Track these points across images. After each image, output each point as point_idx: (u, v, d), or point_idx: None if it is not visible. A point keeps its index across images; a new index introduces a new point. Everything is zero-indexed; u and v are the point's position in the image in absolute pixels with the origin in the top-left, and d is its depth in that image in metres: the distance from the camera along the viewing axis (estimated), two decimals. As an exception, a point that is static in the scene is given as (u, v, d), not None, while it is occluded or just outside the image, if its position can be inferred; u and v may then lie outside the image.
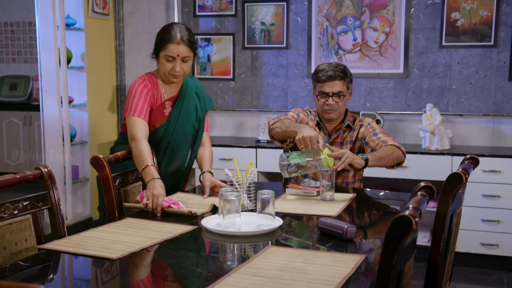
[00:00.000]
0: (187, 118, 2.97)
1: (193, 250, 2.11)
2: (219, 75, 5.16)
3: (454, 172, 2.10)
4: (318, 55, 4.90)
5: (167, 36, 2.77)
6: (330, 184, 2.72)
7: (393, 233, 1.46)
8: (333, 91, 3.04)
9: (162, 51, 2.78)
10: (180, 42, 2.77)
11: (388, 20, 4.74)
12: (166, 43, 2.77)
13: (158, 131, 2.93)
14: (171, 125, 2.94)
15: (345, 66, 3.12)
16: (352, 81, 3.16)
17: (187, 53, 2.79)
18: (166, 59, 2.78)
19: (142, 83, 2.85)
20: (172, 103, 2.94)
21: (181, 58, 2.78)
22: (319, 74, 3.06)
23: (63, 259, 2.01)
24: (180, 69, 2.79)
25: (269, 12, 4.98)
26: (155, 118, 2.90)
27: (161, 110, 2.91)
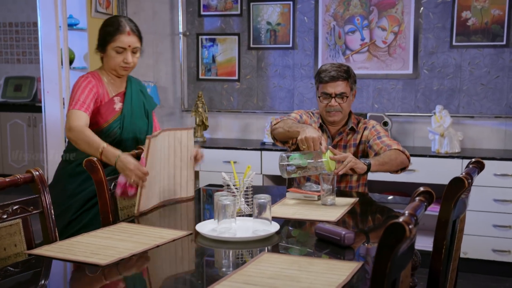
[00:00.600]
0: (139, 112, 2.89)
1: (184, 256, 2.03)
2: (224, 76, 5.08)
3: (456, 177, 2.00)
4: (325, 55, 4.80)
5: (116, 27, 2.72)
6: (331, 188, 2.62)
7: (386, 240, 1.39)
8: (336, 92, 2.95)
9: (112, 43, 2.72)
10: (130, 33, 2.74)
11: (397, 19, 4.63)
12: (115, 34, 2.71)
13: (113, 126, 2.80)
14: (127, 119, 2.83)
15: (349, 66, 3.03)
16: (356, 82, 3.06)
17: (137, 44, 2.77)
18: (116, 51, 2.73)
19: (86, 79, 2.75)
20: (121, 98, 2.85)
21: (131, 49, 2.75)
22: (321, 75, 2.97)
23: (52, 265, 1.93)
24: (131, 59, 2.75)
25: (275, 12, 4.89)
26: (106, 114, 2.78)
27: (110, 105, 2.80)
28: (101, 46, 2.77)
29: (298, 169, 2.66)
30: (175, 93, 5.22)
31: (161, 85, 5.22)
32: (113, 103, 2.81)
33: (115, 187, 2.64)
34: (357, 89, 4.71)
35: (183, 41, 5.11)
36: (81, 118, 2.64)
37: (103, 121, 2.77)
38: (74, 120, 2.62)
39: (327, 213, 2.49)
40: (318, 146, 2.65)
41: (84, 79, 2.75)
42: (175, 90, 5.22)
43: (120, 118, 2.82)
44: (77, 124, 2.61)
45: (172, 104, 5.25)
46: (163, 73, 5.24)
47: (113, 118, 2.79)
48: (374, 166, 2.72)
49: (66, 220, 2.73)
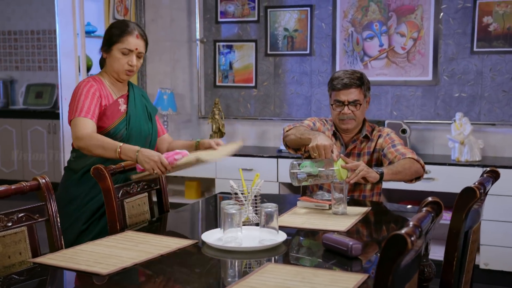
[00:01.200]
0: (143, 115, 2.84)
1: (188, 266, 1.99)
2: (241, 83, 5.05)
3: (468, 187, 1.94)
4: (343, 61, 4.74)
5: (124, 29, 2.67)
6: (343, 197, 2.56)
7: (388, 253, 1.35)
8: (349, 100, 2.89)
9: (118, 44, 2.66)
10: (138, 36, 2.70)
11: (416, 25, 4.56)
12: (123, 36, 2.66)
13: (119, 127, 2.72)
14: (132, 119, 2.77)
15: (362, 73, 2.97)
16: (370, 89, 3.00)
17: (143, 48, 2.73)
18: (122, 53, 2.67)
19: (87, 84, 2.67)
20: (125, 100, 2.79)
21: (137, 53, 2.71)
22: (334, 82, 2.92)
23: (54, 273, 1.91)
24: (136, 62, 2.71)
25: (292, 18, 4.85)
26: (112, 116, 2.71)
27: (116, 107, 2.73)
28: (106, 46, 2.71)
29: (309, 177, 2.60)
30: (192, 100, 5.21)
31: (178, 92, 5.21)
32: (118, 104, 2.75)
33: (123, 196, 2.61)
34: (375, 96, 4.65)
35: (200, 48, 5.10)
36: (88, 125, 2.57)
37: (110, 122, 2.71)
38: (81, 129, 2.56)
39: (337, 222, 2.43)
40: (330, 154, 2.59)
41: (85, 84, 2.67)
42: (192, 97, 5.20)
43: (126, 119, 2.76)
44: (86, 132, 2.55)
45: (189, 111, 5.23)
46: (180, 80, 5.23)
47: (119, 120, 2.73)
48: (387, 175, 2.66)
49: (76, 231, 2.67)
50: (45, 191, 2.26)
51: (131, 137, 2.74)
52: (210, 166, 4.62)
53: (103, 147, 2.51)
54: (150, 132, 2.85)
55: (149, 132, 2.84)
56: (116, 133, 2.70)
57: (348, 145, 3.00)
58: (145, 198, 2.78)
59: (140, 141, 2.78)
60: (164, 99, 4.90)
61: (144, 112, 2.84)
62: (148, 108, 2.88)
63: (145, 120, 2.83)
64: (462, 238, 2.00)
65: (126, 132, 2.73)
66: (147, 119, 2.85)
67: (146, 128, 2.82)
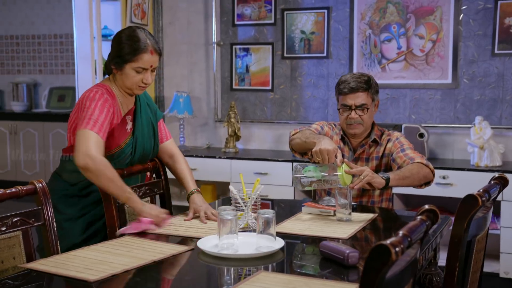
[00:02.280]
0: (148, 132, 2.63)
1: (181, 273, 1.95)
2: (257, 86, 5.00)
3: (469, 194, 1.86)
4: (360, 64, 4.66)
5: (139, 45, 2.39)
6: (347, 203, 2.49)
7: (371, 263, 1.30)
8: (356, 104, 2.82)
9: (132, 63, 2.40)
10: (153, 52, 2.43)
11: (435, 27, 4.46)
12: (138, 53, 2.39)
13: (125, 151, 2.54)
14: (139, 141, 2.57)
15: (370, 76, 2.90)
16: (378, 92, 2.92)
17: (157, 63, 2.49)
18: (136, 71, 2.42)
19: (102, 96, 2.41)
20: (131, 117, 2.57)
21: (151, 69, 2.47)
22: (341, 86, 2.86)
23: (43, 279, 1.88)
24: (151, 80, 2.48)
25: (309, 20, 4.79)
26: (119, 137, 2.50)
27: (123, 126, 2.52)
28: (117, 63, 2.43)
29: (312, 182, 2.54)
30: (209, 104, 5.18)
31: (195, 95, 5.19)
32: (125, 123, 2.54)
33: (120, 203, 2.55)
34: (393, 99, 4.56)
35: (217, 51, 5.07)
36: (100, 146, 2.34)
37: (116, 144, 2.50)
38: (94, 147, 2.30)
39: (339, 229, 2.37)
40: (333, 159, 2.53)
41: (99, 95, 2.41)
42: (209, 100, 5.17)
43: (132, 141, 2.57)
44: (100, 156, 2.31)
45: (206, 115, 5.20)
46: (197, 83, 5.20)
47: (125, 142, 2.54)
48: (394, 180, 2.58)
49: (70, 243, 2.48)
50: (41, 195, 2.23)
51: (134, 160, 2.61)
52: (225, 170, 4.59)
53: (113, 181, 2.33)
54: (152, 148, 2.67)
55: (151, 149, 2.66)
56: (120, 157, 2.54)
57: (356, 150, 2.93)
58: (148, 202, 2.74)
59: (143, 160, 2.66)
60: (180, 102, 4.88)
61: (148, 127, 2.64)
62: (152, 120, 2.66)
63: (148, 137, 2.64)
64: (464, 247, 1.92)
65: (131, 157, 2.58)
66: (151, 135, 2.65)
67: (149, 146, 2.64)
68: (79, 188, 2.51)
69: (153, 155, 2.71)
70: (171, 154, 2.72)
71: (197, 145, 5.22)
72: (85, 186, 2.50)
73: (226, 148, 4.85)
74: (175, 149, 2.75)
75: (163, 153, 2.74)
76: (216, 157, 4.68)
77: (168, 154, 2.73)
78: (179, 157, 2.73)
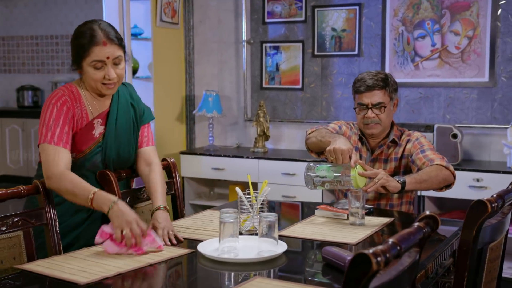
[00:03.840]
0: (125, 137, 2.41)
1: (176, 277, 1.89)
2: (287, 85, 4.90)
3: (478, 200, 1.74)
4: (393, 62, 4.52)
5: (89, 39, 2.20)
6: (360, 207, 2.39)
7: (351, 273, 1.24)
8: (373, 102, 2.71)
9: (87, 58, 2.20)
10: (106, 42, 2.20)
11: (471, 22, 4.28)
12: (89, 48, 2.19)
13: (88, 158, 2.34)
14: (109, 149, 2.37)
15: (387, 74, 2.78)
16: (397, 90, 2.81)
17: (117, 52, 2.23)
18: (94, 67, 2.21)
19: (59, 99, 2.24)
20: (103, 121, 2.36)
21: (112, 61, 2.23)
22: (357, 84, 2.76)
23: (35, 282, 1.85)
24: (115, 74, 2.24)
25: (340, 17, 4.67)
26: (81, 142, 2.31)
27: (88, 131, 2.32)
28: (75, 62, 2.26)
29: (325, 182, 2.45)
30: (239, 103, 5.11)
31: (225, 94, 5.13)
32: (92, 127, 2.33)
33: (132, 201, 2.52)
34: (427, 98, 4.40)
35: (247, 49, 5.00)
36: (61, 159, 2.18)
37: (77, 151, 2.31)
38: (52, 165, 2.17)
39: (350, 234, 2.26)
40: (347, 159, 2.43)
41: (57, 99, 2.25)
42: (239, 99, 5.11)
43: (101, 147, 2.37)
44: (57, 171, 2.16)
45: (235, 114, 5.14)
46: (227, 82, 5.15)
47: (91, 148, 2.34)
48: (410, 184, 2.45)
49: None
50: (44, 195, 2.22)
51: (108, 164, 2.41)
52: (253, 170, 4.52)
53: (73, 193, 2.14)
54: (130, 157, 2.47)
55: (130, 154, 2.46)
56: (85, 164, 2.35)
57: (374, 151, 2.82)
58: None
59: (122, 166, 2.47)
60: (209, 101, 4.83)
61: (128, 129, 2.43)
62: (135, 125, 2.45)
63: (127, 142, 2.43)
64: (474, 256, 1.80)
65: (102, 166, 2.39)
66: (131, 138, 2.44)
67: (127, 151, 2.44)
68: (53, 195, 2.28)
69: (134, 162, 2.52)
70: (149, 162, 2.47)
71: (227, 144, 5.16)
72: (57, 194, 2.28)
73: (255, 147, 4.78)
74: (155, 158, 2.49)
75: (141, 159, 2.48)
76: (244, 157, 4.61)
77: (146, 161, 2.47)
78: (156, 167, 2.45)
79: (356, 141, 2.84)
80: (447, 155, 4.04)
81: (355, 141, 2.84)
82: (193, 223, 2.47)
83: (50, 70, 7.47)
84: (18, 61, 7.62)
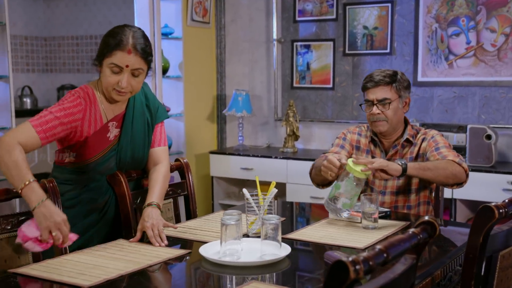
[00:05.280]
0: (141, 140, 2.39)
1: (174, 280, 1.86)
2: (318, 84, 4.82)
3: (485, 205, 1.64)
4: (426, 60, 4.38)
5: (116, 41, 2.18)
6: (374, 210, 2.30)
7: (330, 281, 1.19)
8: (377, 98, 2.65)
9: (108, 58, 2.18)
10: (131, 51, 2.16)
11: (508, 19, 4.11)
12: (113, 49, 2.17)
13: (101, 162, 2.32)
14: (124, 151, 2.35)
15: (397, 71, 2.71)
16: (409, 89, 2.73)
17: (138, 65, 2.18)
18: (111, 70, 2.18)
19: (74, 100, 2.22)
20: (118, 124, 2.33)
21: (131, 71, 2.18)
22: (364, 81, 2.71)
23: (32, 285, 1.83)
24: (128, 84, 2.19)
25: (372, 15, 4.56)
26: (94, 145, 2.28)
27: (103, 134, 2.29)
28: (98, 59, 2.24)
29: (341, 200, 2.35)
30: (269, 102, 5.05)
31: (256, 94, 5.08)
32: (107, 130, 2.31)
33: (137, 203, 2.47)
34: (461, 97, 4.26)
35: (278, 48, 4.93)
36: (24, 137, 2.08)
37: (91, 154, 2.29)
38: (10, 135, 2.07)
39: (361, 238, 2.19)
40: (336, 163, 2.36)
41: (72, 99, 2.22)
42: (269, 99, 5.05)
43: (116, 150, 2.34)
44: (10, 141, 2.05)
45: (266, 113, 5.08)
46: (258, 81, 5.10)
47: (105, 151, 2.32)
48: (413, 169, 2.39)
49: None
50: (51, 194, 2.21)
51: (122, 166, 2.40)
52: (281, 170, 4.46)
53: (10, 172, 2.02)
54: (146, 155, 2.45)
55: (143, 156, 2.44)
56: (98, 167, 2.34)
57: (388, 151, 2.73)
58: (170, 204, 2.67)
59: (132, 167, 2.45)
60: (239, 101, 4.80)
61: (144, 132, 2.40)
62: (149, 127, 2.42)
63: (142, 145, 2.41)
64: (482, 264, 1.70)
65: (116, 168, 2.38)
66: (146, 141, 2.42)
67: (142, 153, 2.42)
68: (66, 198, 2.32)
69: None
70: (157, 163, 2.43)
71: (257, 144, 5.11)
72: (72, 197, 2.34)
73: (285, 148, 4.71)
74: (163, 159, 2.45)
75: (150, 159, 2.45)
76: (273, 157, 4.56)
77: (154, 162, 2.44)
78: (160, 167, 2.42)
79: (367, 144, 2.77)
80: (480, 157, 3.89)
81: (365, 144, 2.77)
82: (202, 224, 2.44)
83: (89, 69, 7.56)
84: (59, 61, 7.74)
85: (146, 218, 2.21)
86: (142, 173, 2.49)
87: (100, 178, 2.37)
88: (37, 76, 7.37)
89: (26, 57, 7.43)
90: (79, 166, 2.32)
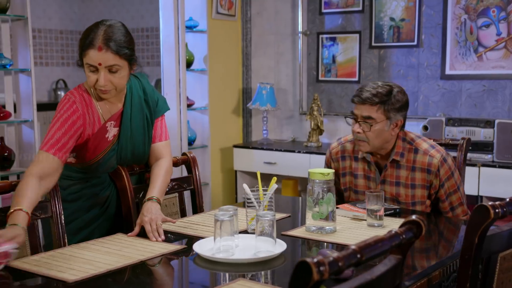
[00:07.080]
0: (143, 134, 2.36)
1: (164, 276, 1.83)
2: (344, 77, 4.72)
3: (481, 204, 1.56)
4: (454, 53, 4.24)
5: (89, 39, 2.12)
6: (379, 207, 2.23)
7: (294, 282, 1.16)
8: (362, 115, 2.44)
9: (84, 58, 2.14)
10: (102, 47, 2.10)
11: (541, 10, 3.94)
12: (86, 48, 2.12)
13: (102, 163, 2.31)
14: (124, 150, 2.33)
15: (394, 90, 2.45)
16: (402, 111, 2.48)
17: (113, 61, 2.12)
18: (89, 69, 2.14)
19: (70, 108, 2.18)
20: (116, 123, 2.29)
21: (106, 68, 2.13)
22: (355, 92, 2.51)
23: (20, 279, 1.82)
24: (106, 82, 2.14)
25: (399, 6, 4.43)
26: (95, 147, 2.26)
27: (102, 135, 2.26)
28: (80, 59, 2.20)
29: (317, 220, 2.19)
30: (295, 96, 4.98)
31: (281, 87, 5.02)
32: (105, 131, 2.28)
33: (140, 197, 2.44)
34: (491, 91, 4.11)
35: (303, 41, 4.86)
36: (39, 164, 2.10)
37: (90, 157, 2.28)
38: (29, 167, 2.10)
39: (363, 236, 2.11)
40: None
41: (68, 107, 2.19)
42: (295, 92, 4.98)
43: (115, 149, 2.32)
44: (26, 171, 2.09)
45: (291, 107, 5.02)
46: (283, 74, 5.03)
47: (104, 152, 2.30)
48: None
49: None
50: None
51: (123, 164, 2.39)
52: (304, 165, 4.39)
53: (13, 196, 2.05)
54: (147, 151, 2.42)
55: (145, 153, 2.41)
56: (100, 168, 2.33)
57: (382, 171, 2.58)
58: (175, 198, 2.64)
59: (134, 163, 2.44)
60: (263, 94, 4.74)
61: (144, 127, 2.37)
62: (149, 122, 2.38)
63: (142, 141, 2.38)
64: (477, 266, 1.62)
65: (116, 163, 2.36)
66: (146, 137, 2.39)
67: (142, 150, 2.39)
68: (68, 193, 2.34)
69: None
70: (158, 158, 2.41)
71: (282, 138, 5.05)
72: (74, 192, 2.35)
73: (309, 142, 4.64)
74: (166, 154, 2.42)
75: (151, 155, 2.43)
76: (296, 151, 4.49)
77: (156, 157, 2.42)
78: (161, 162, 2.39)
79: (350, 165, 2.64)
80: (508, 153, 3.76)
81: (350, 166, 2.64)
82: (205, 219, 2.40)
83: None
84: (93, 55, 7.84)
85: (145, 212, 2.19)
86: (145, 167, 2.48)
87: (101, 175, 2.38)
88: (72, 70, 7.45)
89: (62, 50, 7.53)
90: (80, 167, 2.33)
